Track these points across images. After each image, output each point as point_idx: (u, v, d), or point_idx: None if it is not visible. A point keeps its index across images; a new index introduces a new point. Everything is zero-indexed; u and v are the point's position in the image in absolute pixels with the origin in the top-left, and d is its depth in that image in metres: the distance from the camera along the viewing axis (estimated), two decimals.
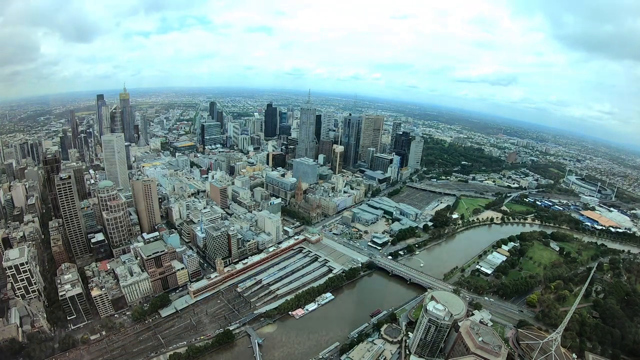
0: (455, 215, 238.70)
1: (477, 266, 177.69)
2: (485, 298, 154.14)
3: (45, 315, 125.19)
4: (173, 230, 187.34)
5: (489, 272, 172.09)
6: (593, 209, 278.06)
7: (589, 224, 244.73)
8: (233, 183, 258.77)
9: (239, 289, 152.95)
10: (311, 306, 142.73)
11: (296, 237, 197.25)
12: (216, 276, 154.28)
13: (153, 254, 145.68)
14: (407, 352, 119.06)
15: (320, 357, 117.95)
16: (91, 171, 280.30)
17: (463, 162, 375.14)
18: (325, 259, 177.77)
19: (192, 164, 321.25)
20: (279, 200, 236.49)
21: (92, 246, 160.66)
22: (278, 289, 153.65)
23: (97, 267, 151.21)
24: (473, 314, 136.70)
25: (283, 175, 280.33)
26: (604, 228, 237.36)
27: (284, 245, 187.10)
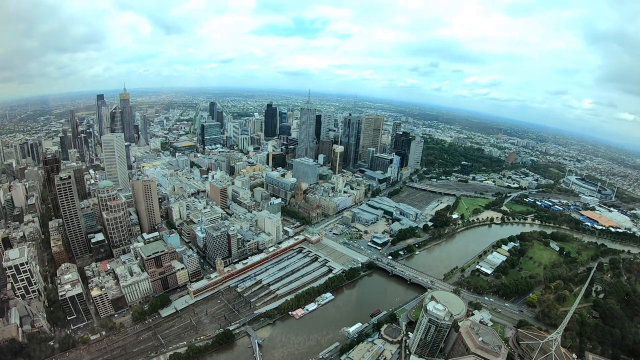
0: (455, 215, 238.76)
1: (477, 266, 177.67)
2: (485, 298, 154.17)
3: (45, 315, 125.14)
4: (173, 230, 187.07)
5: (489, 272, 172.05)
6: (593, 209, 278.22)
7: (589, 224, 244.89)
8: (233, 183, 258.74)
9: (239, 289, 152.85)
10: (311, 306, 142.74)
11: (296, 237, 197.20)
12: (216, 276, 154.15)
13: (153, 254, 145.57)
14: (407, 352, 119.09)
15: (320, 357, 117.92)
16: (91, 171, 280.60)
17: (463, 162, 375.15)
18: (325, 259, 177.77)
19: (192, 164, 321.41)
20: (279, 200, 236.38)
21: (92, 246, 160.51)
22: (278, 289, 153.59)
23: (97, 267, 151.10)
24: (473, 314, 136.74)
25: (283, 175, 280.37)
26: (604, 228, 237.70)
27: (284, 245, 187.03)
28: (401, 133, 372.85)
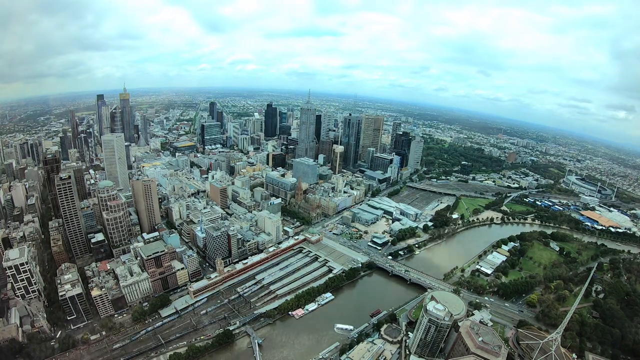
0: (455, 215, 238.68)
1: (477, 266, 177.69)
2: (485, 298, 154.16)
3: (45, 315, 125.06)
4: (173, 230, 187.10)
5: (489, 272, 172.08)
6: (593, 209, 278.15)
7: (589, 224, 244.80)
8: (233, 183, 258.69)
9: (239, 289, 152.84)
10: (311, 306, 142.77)
11: (296, 237, 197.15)
12: (216, 276, 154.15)
13: (153, 254, 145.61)
14: (407, 352, 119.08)
15: (320, 357, 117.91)
16: (91, 171, 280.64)
17: (463, 162, 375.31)
18: (325, 259, 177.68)
19: (192, 164, 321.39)
20: (279, 200, 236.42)
21: (92, 246, 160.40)
22: (278, 289, 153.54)
23: (97, 267, 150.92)
24: (473, 314, 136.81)
25: (283, 175, 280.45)
26: (604, 228, 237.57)
27: (284, 245, 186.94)
28: (401, 133, 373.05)
